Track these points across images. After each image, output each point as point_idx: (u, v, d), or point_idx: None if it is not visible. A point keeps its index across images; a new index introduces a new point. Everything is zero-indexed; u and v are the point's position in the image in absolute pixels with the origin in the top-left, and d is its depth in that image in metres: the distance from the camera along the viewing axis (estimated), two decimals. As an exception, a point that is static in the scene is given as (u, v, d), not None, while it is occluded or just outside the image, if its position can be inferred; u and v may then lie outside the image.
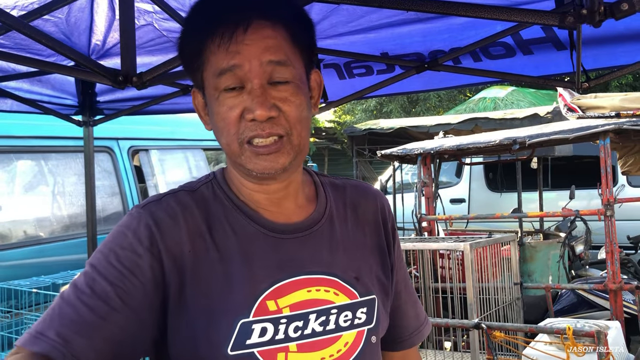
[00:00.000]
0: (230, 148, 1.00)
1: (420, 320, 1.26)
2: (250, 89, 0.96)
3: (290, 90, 0.98)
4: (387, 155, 4.45)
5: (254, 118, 0.95)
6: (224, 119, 0.98)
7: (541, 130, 3.90)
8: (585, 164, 7.71)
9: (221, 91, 0.97)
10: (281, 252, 1.02)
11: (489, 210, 7.26)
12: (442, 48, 2.77)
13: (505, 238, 3.87)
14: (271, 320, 0.98)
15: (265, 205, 1.05)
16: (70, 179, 4.44)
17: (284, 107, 0.97)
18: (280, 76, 0.97)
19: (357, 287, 1.07)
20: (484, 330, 2.79)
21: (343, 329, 1.04)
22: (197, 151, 5.75)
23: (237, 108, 0.97)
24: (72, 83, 3.38)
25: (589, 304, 3.99)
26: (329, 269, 1.05)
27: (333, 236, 1.09)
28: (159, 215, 0.98)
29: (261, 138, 0.97)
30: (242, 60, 0.95)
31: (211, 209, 1.03)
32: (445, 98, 14.25)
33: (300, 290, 1.01)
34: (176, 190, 1.05)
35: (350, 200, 1.16)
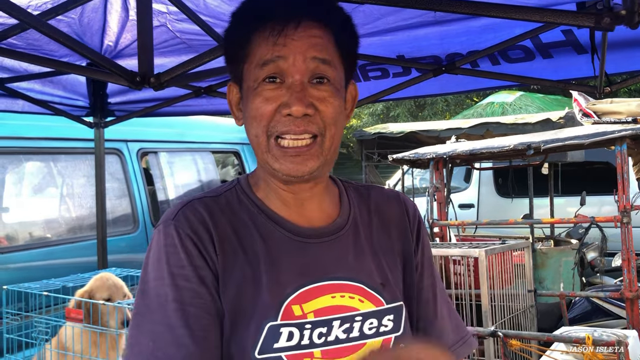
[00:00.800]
0: (258, 141, 0.99)
1: (461, 332, 1.18)
2: (290, 83, 0.96)
3: (329, 90, 0.97)
4: (399, 159, 4.41)
5: (290, 113, 0.95)
6: (258, 109, 0.97)
7: (556, 135, 3.84)
8: (595, 170, 7.65)
9: (260, 82, 0.97)
10: (306, 256, 1.01)
11: (498, 215, 7.20)
12: (459, 51, 2.74)
13: (519, 244, 3.82)
14: (297, 325, 0.96)
15: (292, 206, 1.04)
16: (79, 181, 4.41)
17: (321, 106, 0.96)
18: (321, 74, 0.97)
19: (383, 294, 1.04)
20: (501, 338, 2.74)
21: (367, 336, 1.01)
22: (205, 154, 5.72)
23: (274, 102, 0.96)
24: (83, 84, 3.36)
25: (604, 313, 3.93)
26: (354, 274, 1.03)
27: (358, 241, 1.07)
28: (193, 224, 0.97)
29: (293, 134, 0.95)
30: (287, 53, 0.95)
31: (237, 214, 1.02)
32: (452, 102, 14.19)
33: (325, 296, 0.99)
34: (200, 197, 1.03)
35: (374, 206, 1.14)
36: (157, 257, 0.95)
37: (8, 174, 4.02)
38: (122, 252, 4.41)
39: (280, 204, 1.04)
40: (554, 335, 2.79)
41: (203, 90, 3.13)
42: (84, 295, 2.89)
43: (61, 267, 3.88)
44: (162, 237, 0.97)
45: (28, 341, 2.93)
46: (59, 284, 3.02)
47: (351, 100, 1.09)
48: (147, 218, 4.86)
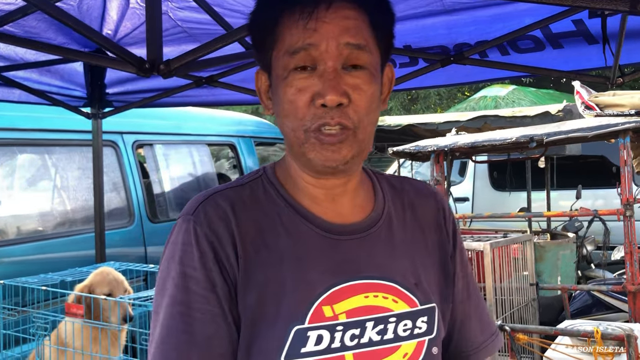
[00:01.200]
0: (295, 134, 0.92)
1: (487, 333, 1.14)
2: (323, 71, 0.89)
3: (364, 77, 0.92)
4: (399, 152, 4.37)
5: (324, 103, 0.88)
6: (292, 102, 0.91)
7: (558, 128, 3.82)
8: (589, 163, 7.67)
9: (291, 71, 0.91)
10: (337, 254, 0.95)
11: (492, 209, 7.19)
12: (467, 41, 2.69)
13: (522, 238, 3.80)
14: (327, 327, 0.91)
15: (322, 202, 0.98)
16: (74, 174, 4.33)
17: (354, 95, 0.90)
18: (356, 61, 0.91)
19: (417, 294, 0.99)
20: (508, 332, 2.71)
21: (402, 338, 0.96)
22: (201, 146, 5.65)
23: (307, 92, 0.90)
24: (81, 74, 3.29)
25: (605, 306, 3.92)
26: (387, 273, 0.97)
27: (392, 239, 1.01)
28: (213, 222, 0.92)
29: (328, 126, 0.90)
30: (319, 39, 0.89)
31: (262, 207, 0.96)
32: (445, 96, 14.18)
33: (357, 295, 0.94)
34: (223, 188, 0.98)
35: (408, 201, 1.08)
36: (172, 254, 0.92)
37: (2, 166, 3.93)
38: (117, 246, 4.33)
39: (310, 201, 0.98)
40: (561, 329, 2.76)
41: (204, 80, 3.06)
42: (84, 290, 2.83)
43: (56, 261, 3.81)
44: (179, 233, 0.92)
45: (25, 337, 2.86)
46: (57, 278, 2.96)
47: (388, 84, 1.03)
48: (143, 211, 4.78)
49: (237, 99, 3.44)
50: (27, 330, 2.86)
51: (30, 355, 2.89)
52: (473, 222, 6.40)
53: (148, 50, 1.72)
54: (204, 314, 0.88)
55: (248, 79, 3.07)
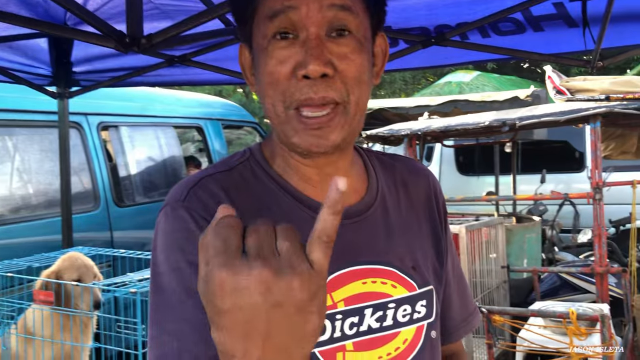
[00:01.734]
0: (274, 110, 0.83)
1: (468, 311, 1.14)
2: (305, 38, 0.80)
3: (351, 45, 0.82)
4: (372, 136, 4.35)
5: (306, 74, 0.79)
6: (271, 74, 0.81)
7: (530, 112, 3.85)
8: (553, 148, 7.82)
9: (271, 39, 0.81)
10: (335, 239, 0.89)
11: (459, 193, 7.26)
12: (448, 22, 2.67)
13: (494, 221, 3.84)
14: (328, 316, 0.85)
15: (315, 183, 0.91)
16: (37, 156, 4.16)
17: (341, 65, 0.81)
18: (342, 23, 0.81)
19: (415, 278, 0.95)
20: (485, 314, 2.73)
21: (401, 324, 0.92)
22: (168, 128, 5.51)
23: (288, 63, 0.80)
24: (45, 51, 3.13)
25: (572, 287, 4.00)
26: (385, 258, 0.92)
27: (387, 221, 0.95)
28: (208, 206, 0.83)
29: (312, 107, 0.81)
30: (299, 1, 0.79)
31: (255, 192, 0.88)
32: (410, 82, 14.24)
33: (356, 282, 0.89)
34: (210, 173, 0.88)
35: (401, 179, 1.02)
36: (169, 244, 0.81)
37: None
38: (83, 230, 4.20)
39: (302, 182, 0.91)
40: (538, 310, 2.80)
41: (176, 59, 2.96)
42: (51, 276, 2.72)
43: (19, 246, 3.66)
44: (172, 222, 0.82)
45: (-11, 325, 2.74)
46: (24, 264, 2.84)
47: (381, 55, 0.93)
48: (109, 195, 4.65)
49: (210, 78, 3.34)
50: (-8, 318, 2.74)
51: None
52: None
53: (128, 25, 1.62)
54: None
55: (221, 58, 2.97)
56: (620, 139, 4.70)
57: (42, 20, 2.16)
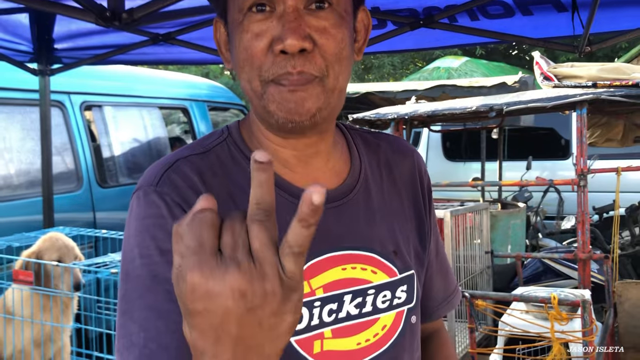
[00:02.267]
0: (251, 86, 0.80)
1: (449, 290, 1.13)
2: (282, 11, 0.77)
3: (331, 19, 0.79)
4: (359, 120, 4.32)
5: (283, 49, 0.76)
6: (247, 49, 0.78)
7: (518, 98, 3.84)
8: (539, 135, 7.85)
9: (246, 12, 0.78)
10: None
11: (446, 178, 7.27)
12: (436, 4, 2.64)
13: (479, 206, 3.84)
14: (305, 304, 0.84)
15: (294, 166, 0.88)
16: (17, 135, 4.09)
17: (320, 39, 0.78)
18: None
19: (396, 263, 0.93)
20: (467, 299, 2.74)
21: (381, 310, 0.91)
22: (153, 109, 5.44)
23: (265, 37, 0.77)
24: (26, 27, 3.06)
25: (555, 273, 4.03)
26: (366, 243, 0.90)
27: (369, 204, 0.93)
28: (182, 191, 0.80)
29: (291, 80, 0.77)
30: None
31: (231, 174, 0.85)
32: (399, 66, 14.18)
33: (335, 268, 0.87)
34: (186, 155, 0.85)
35: (385, 160, 1.00)
36: (140, 230, 0.79)
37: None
38: (65, 211, 4.15)
39: (280, 166, 0.88)
40: (521, 295, 2.81)
41: (161, 37, 2.91)
42: (32, 256, 2.69)
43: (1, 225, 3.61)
44: (145, 207, 0.80)
45: (-32, 305, 2.70)
46: (4, 243, 2.79)
47: (363, 31, 0.90)
48: (92, 176, 4.59)
49: (195, 57, 3.29)
50: (-30, 298, 2.70)
51: (-26, 325, 2.73)
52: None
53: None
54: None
55: (207, 37, 2.93)
56: (606, 127, 4.72)
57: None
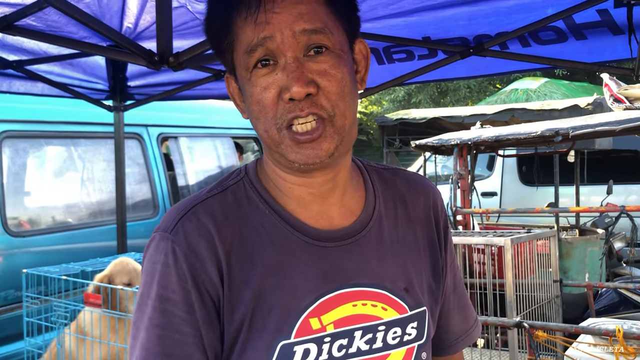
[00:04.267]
0: (268, 135, 0.88)
1: (468, 324, 1.14)
2: (284, 64, 0.85)
3: (329, 61, 0.86)
4: (422, 145, 4.32)
5: (291, 97, 0.83)
6: (259, 102, 0.86)
7: (585, 121, 3.72)
8: (622, 158, 7.47)
9: (252, 70, 0.86)
10: (325, 262, 0.91)
11: (521, 204, 7.05)
12: (487, 32, 2.64)
13: (545, 234, 3.72)
14: (314, 340, 0.88)
15: (308, 204, 0.94)
16: (99, 165, 4.40)
17: (322, 82, 0.85)
18: (317, 43, 0.85)
19: (407, 300, 0.96)
20: (526, 329, 2.66)
21: (391, 347, 0.94)
22: (226, 139, 5.69)
23: (273, 88, 0.85)
24: (103, 67, 3.33)
25: (633, 304, 3.82)
26: (377, 280, 0.94)
27: (382, 241, 0.97)
28: (193, 241, 0.87)
29: (300, 118, 0.84)
30: (272, 30, 0.84)
31: (245, 215, 0.91)
32: (475, 89, 13.97)
33: (346, 304, 0.91)
34: (203, 198, 0.92)
35: (400, 196, 1.03)
36: (150, 272, 0.88)
37: (29, 157, 4.02)
38: (141, 237, 4.40)
39: (295, 204, 0.93)
40: (582, 327, 2.70)
41: (223, 73, 3.07)
42: (104, 280, 2.88)
43: (81, 251, 3.88)
44: (156, 252, 0.88)
45: (48, 325, 2.93)
46: (78, 268, 3.01)
47: (363, 60, 0.96)
48: (167, 203, 4.84)
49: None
50: (49, 318, 2.92)
51: (52, 343, 2.95)
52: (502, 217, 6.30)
53: (158, 43, 1.72)
54: (182, 336, 0.86)
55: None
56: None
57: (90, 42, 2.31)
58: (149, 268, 0.89)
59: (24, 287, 2.96)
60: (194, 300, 0.86)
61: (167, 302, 0.86)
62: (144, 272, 0.90)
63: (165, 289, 0.86)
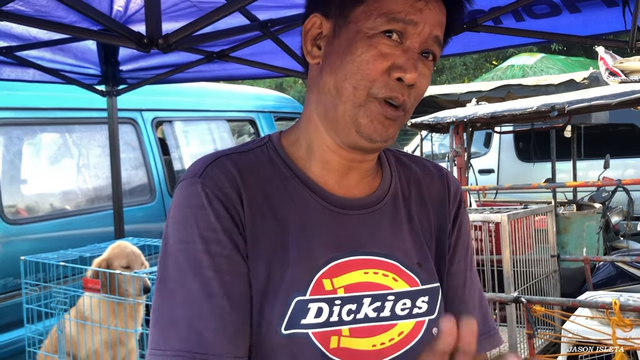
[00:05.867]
0: (355, 93, 0.89)
1: (486, 326, 1.09)
2: (409, 47, 0.89)
3: (430, 69, 0.93)
4: (418, 124, 4.31)
5: (402, 78, 0.88)
6: (369, 62, 0.88)
7: (581, 96, 3.71)
8: (619, 132, 7.46)
9: (379, 33, 0.88)
10: (341, 228, 0.94)
11: (519, 180, 7.04)
12: (481, 7, 2.61)
13: (542, 209, 3.73)
14: (326, 300, 0.90)
15: (332, 171, 0.96)
16: (94, 151, 4.38)
17: (419, 82, 0.91)
18: (431, 50, 0.91)
19: (419, 274, 0.97)
20: (524, 304, 2.68)
21: (399, 317, 0.95)
22: (221, 122, 5.66)
23: (388, 60, 0.88)
24: (94, 52, 3.29)
25: (630, 277, 3.84)
26: (389, 251, 0.96)
27: (396, 216, 1.00)
28: (222, 184, 0.89)
29: (392, 107, 0.89)
30: (421, 19, 0.89)
31: (267, 174, 0.94)
32: (471, 66, 13.88)
33: (357, 271, 0.93)
34: (228, 152, 0.94)
35: (415, 178, 1.06)
36: (184, 218, 0.87)
37: (24, 145, 4.00)
38: (139, 222, 4.40)
39: (319, 170, 0.96)
40: (579, 301, 2.72)
41: (215, 55, 3.05)
42: (102, 264, 2.88)
43: (79, 237, 3.88)
44: (188, 197, 0.88)
45: (47, 311, 2.94)
46: (76, 254, 3.02)
47: None
48: (164, 188, 4.83)
49: (248, 73, 3.41)
50: (49, 305, 2.93)
51: (53, 329, 2.97)
52: (499, 193, 6.31)
53: (147, 25, 1.70)
54: (233, 276, 0.87)
55: (258, 53, 3.04)
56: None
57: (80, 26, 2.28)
58: (181, 214, 0.88)
59: (23, 274, 2.97)
60: (236, 238, 0.88)
61: (212, 243, 0.86)
62: (176, 221, 0.89)
63: (207, 229, 0.86)
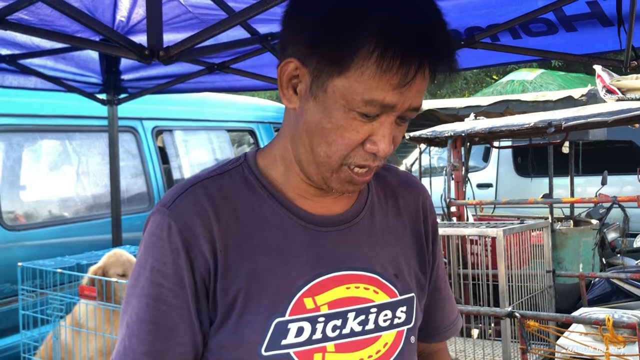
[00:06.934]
0: (329, 161, 0.89)
1: (455, 315, 1.22)
2: (384, 121, 0.87)
3: (404, 130, 0.94)
4: (416, 137, 4.34)
5: (375, 153, 0.88)
6: (343, 138, 0.87)
7: (578, 112, 3.74)
8: (617, 149, 7.49)
9: (357, 114, 0.86)
10: (320, 246, 0.95)
11: (517, 195, 7.07)
12: (479, 24, 2.65)
13: (539, 224, 3.74)
14: (308, 319, 0.92)
15: (307, 192, 0.97)
16: (94, 159, 4.40)
17: (394, 144, 0.92)
18: (409, 117, 0.91)
19: (397, 285, 1.00)
20: (518, 319, 2.69)
21: (382, 328, 0.98)
22: (221, 132, 5.69)
23: (363, 134, 0.87)
24: (96, 61, 3.33)
25: (625, 294, 3.85)
26: (369, 265, 0.98)
27: (373, 229, 1.02)
28: (188, 218, 0.90)
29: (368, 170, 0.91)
30: (400, 100, 0.85)
31: (242, 197, 0.95)
32: (471, 81, 13.97)
33: (340, 287, 0.95)
34: (203, 178, 0.95)
35: (390, 190, 1.09)
36: (146, 244, 0.93)
37: (24, 151, 4.02)
38: (136, 230, 4.41)
39: (293, 193, 0.97)
40: (573, 317, 2.73)
41: (216, 66, 3.08)
42: (98, 272, 2.89)
43: (77, 244, 3.89)
44: (155, 226, 0.92)
45: (43, 317, 2.95)
46: (73, 261, 3.03)
47: None
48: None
49: (249, 84, 3.45)
50: (45, 311, 2.94)
51: (48, 336, 2.97)
52: (497, 208, 6.32)
53: (148, 37, 1.73)
54: (169, 307, 0.90)
55: (258, 65, 3.07)
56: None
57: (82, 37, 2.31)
58: (146, 242, 0.93)
59: (20, 280, 2.98)
60: (184, 274, 0.89)
61: (158, 274, 0.90)
62: (142, 243, 0.94)
63: (158, 261, 0.90)
